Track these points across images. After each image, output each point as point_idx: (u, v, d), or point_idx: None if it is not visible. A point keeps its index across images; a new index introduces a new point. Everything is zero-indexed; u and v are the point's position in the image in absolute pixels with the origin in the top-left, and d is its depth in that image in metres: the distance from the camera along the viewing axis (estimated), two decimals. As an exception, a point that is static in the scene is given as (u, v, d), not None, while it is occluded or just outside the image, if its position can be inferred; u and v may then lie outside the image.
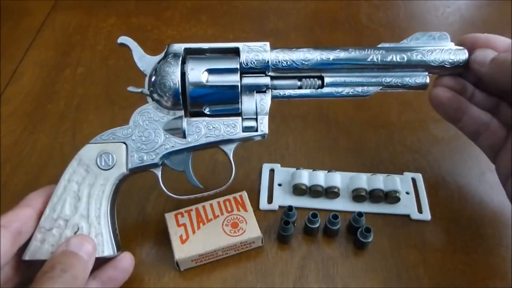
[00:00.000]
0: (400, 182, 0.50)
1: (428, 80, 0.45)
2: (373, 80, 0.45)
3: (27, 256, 0.38)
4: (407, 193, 0.51)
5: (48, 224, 0.39)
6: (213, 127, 0.43)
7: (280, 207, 0.50)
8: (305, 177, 0.50)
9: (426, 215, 0.49)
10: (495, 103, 0.46)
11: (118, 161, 0.41)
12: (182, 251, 0.44)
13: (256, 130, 0.43)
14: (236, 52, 0.43)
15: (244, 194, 0.48)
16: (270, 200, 0.51)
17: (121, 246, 0.42)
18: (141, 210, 0.50)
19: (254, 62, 0.42)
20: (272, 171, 0.53)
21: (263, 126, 0.43)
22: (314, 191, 0.50)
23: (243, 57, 0.42)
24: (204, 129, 0.43)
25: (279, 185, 0.52)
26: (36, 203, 0.39)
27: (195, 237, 0.44)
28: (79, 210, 0.40)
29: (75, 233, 0.39)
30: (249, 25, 0.75)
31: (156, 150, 0.42)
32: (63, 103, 0.62)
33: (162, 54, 0.43)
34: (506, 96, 0.45)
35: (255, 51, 0.43)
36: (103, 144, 0.42)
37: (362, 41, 0.73)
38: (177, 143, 0.42)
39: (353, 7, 0.80)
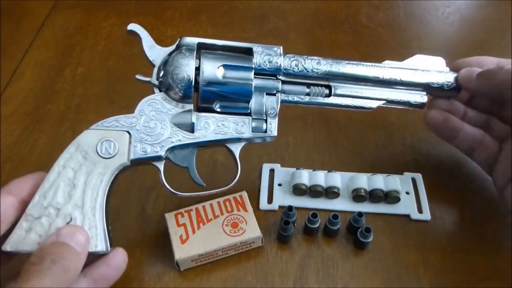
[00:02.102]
0: (400, 182, 0.50)
1: (426, 100, 0.48)
2: (377, 95, 0.47)
3: (8, 247, 0.35)
4: (407, 193, 0.51)
5: (36, 212, 0.36)
6: (223, 124, 0.42)
7: (280, 207, 0.50)
8: (305, 177, 0.50)
9: (426, 215, 0.49)
10: (486, 119, 0.48)
11: (120, 150, 0.39)
12: (182, 251, 0.43)
13: (265, 132, 0.43)
14: (248, 52, 0.43)
15: (244, 194, 0.48)
16: (270, 200, 0.51)
17: (113, 243, 0.40)
18: (141, 210, 0.50)
19: (266, 65, 0.43)
20: (272, 171, 0.53)
21: (272, 128, 0.43)
22: (314, 191, 0.50)
23: (257, 58, 0.43)
24: (213, 125, 0.42)
25: (279, 185, 0.52)
26: (19, 191, 0.37)
27: (195, 237, 0.44)
28: (73, 199, 0.37)
29: (67, 223, 0.37)
30: (249, 25, 0.75)
31: (162, 143, 0.41)
32: (63, 103, 0.62)
33: (174, 46, 0.42)
34: (496, 110, 0.48)
35: (268, 54, 0.43)
36: (105, 131, 0.40)
37: (362, 41, 0.73)
38: (184, 137, 0.41)
39: (353, 7, 0.80)
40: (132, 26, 0.43)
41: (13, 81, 0.65)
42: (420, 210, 0.50)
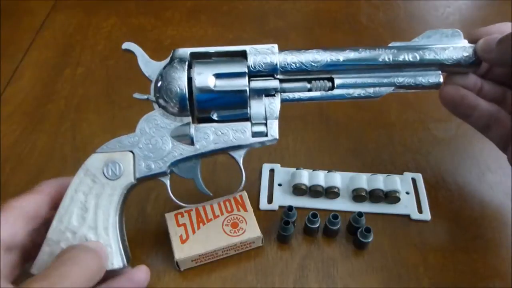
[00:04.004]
0: (400, 182, 0.50)
1: (441, 79, 0.43)
2: (385, 80, 0.43)
3: (35, 270, 0.37)
4: (407, 193, 0.51)
5: (55, 236, 0.38)
6: (222, 133, 0.41)
7: (280, 207, 0.50)
8: (305, 177, 0.50)
9: (426, 215, 0.49)
10: (502, 93, 0.45)
11: (125, 170, 0.40)
12: (182, 251, 0.44)
13: (266, 135, 0.42)
14: (243, 55, 0.42)
15: (244, 194, 0.48)
16: (270, 200, 0.51)
17: (130, 257, 0.41)
18: (141, 210, 0.50)
19: (262, 65, 0.41)
20: (272, 171, 0.53)
21: (273, 131, 0.42)
22: (314, 191, 0.50)
23: (251, 60, 0.41)
24: (212, 135, 0.41)
25: (279, 185, 0.52)
26: (49, 190, 0.39)
27: (195, 237, 0.44)
28: (86, 222, 0.38)
29: None
30: (249, 25, 0.75)
31: (164, 158, 0.41)
32: (63, 103, 0.62)
33: (168, 59, 0.42)
34: None
35: (262, 53, 0.41)
36: (110, 153, 0.41)
37: (362, 41, 0.73)
38: (185, 150, 0.41)
39: (353, 7, 0.80)
40: (127, 45, 0.43)
41: (13, 81, 0.66)
42: (420, 210, 0.50)
